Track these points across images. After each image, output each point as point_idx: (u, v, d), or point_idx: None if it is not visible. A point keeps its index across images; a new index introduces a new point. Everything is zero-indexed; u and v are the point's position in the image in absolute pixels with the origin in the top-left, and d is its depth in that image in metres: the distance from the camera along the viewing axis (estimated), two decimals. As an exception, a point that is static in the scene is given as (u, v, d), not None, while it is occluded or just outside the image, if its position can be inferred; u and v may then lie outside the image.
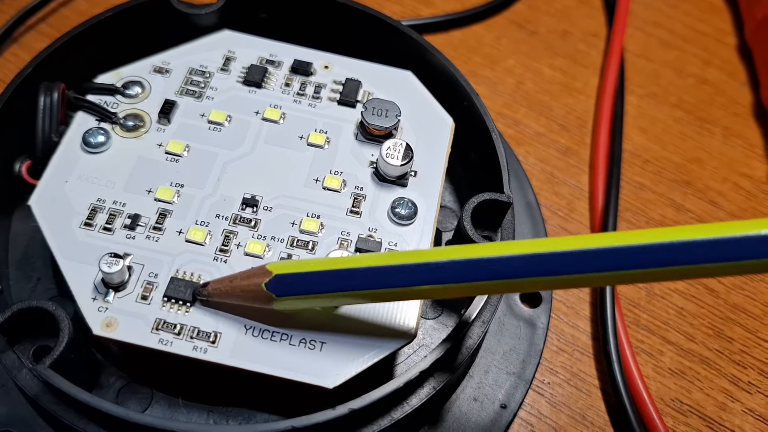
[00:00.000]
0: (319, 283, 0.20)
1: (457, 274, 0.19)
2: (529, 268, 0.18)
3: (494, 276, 0.18)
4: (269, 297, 0.21)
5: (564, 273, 0.17)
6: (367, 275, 0.20)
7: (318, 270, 0.20)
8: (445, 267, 0.19)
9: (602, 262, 0.17)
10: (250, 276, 0.21)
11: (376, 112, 0.26)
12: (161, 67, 0.28)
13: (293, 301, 0.21)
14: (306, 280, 0.20)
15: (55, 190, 0.24)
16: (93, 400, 0.21)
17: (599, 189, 0.33)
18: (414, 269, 0.19)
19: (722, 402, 0.28)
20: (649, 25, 0.40)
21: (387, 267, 0.20)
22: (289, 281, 0.21)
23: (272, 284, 0.21)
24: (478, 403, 0.26)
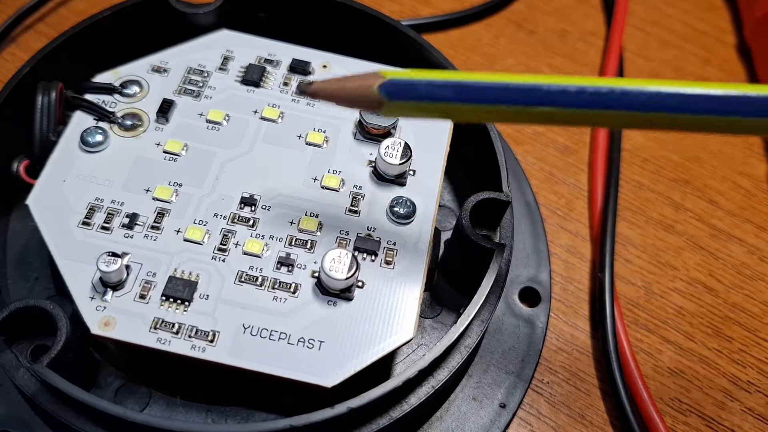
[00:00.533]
0: (434, 92, 0.20)
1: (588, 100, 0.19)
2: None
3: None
4: (379, 100, 0.20)
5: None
6: (479, 90, 0.19)
7: (433, 79, 0.20)
8: (568, 91, 0.19)
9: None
10: (360, 78, 0.21)
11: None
12: (159, 67, 0.28)
13: (403, 107, 0.20)
14: (420, 87, 0.20)
15: (53, 189, 0.24)
16: (91, 399, 0.20)
17: (598, 188, 0.33)
18: (525, 90, 0.19)
19: (721, 401, 0.28)
20: (648, 24, 0.40)
21: (497, 84, 0.19)
22: (402, 86, 0.20)
23: (384, 87, 0.20)
24: (477, 403, 0.26)
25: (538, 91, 0.19)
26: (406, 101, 0.20)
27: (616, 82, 0.19)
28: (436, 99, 0.20)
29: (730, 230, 0.33)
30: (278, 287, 0.23)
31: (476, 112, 0.20)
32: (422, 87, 0.20)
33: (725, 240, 0.33)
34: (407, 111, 0.21)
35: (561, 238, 0.32)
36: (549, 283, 0.30)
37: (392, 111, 0.20)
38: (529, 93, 0.19)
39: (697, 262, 0.32)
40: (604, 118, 0.19)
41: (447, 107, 0.20)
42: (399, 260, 0.24)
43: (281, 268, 0.24)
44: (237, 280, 0.23)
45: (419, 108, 0.20)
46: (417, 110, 0.20)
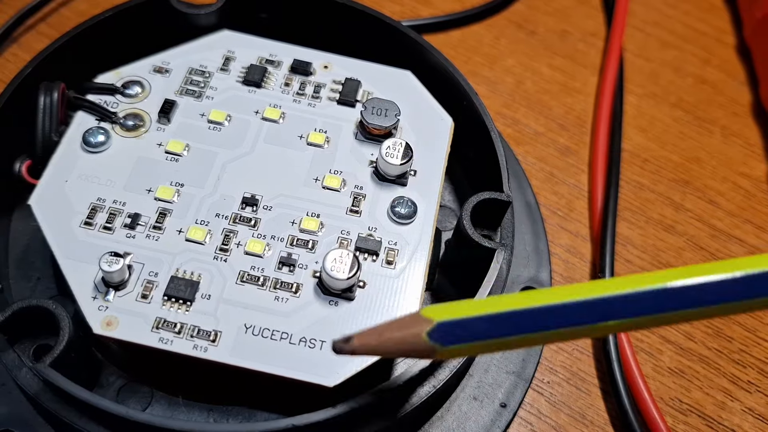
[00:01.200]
0: (489, 329, 0.18)
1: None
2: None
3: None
4: (432, 349, 0.18)
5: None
6: (540, 315, 0.17)
7: (485, 313, 0.18)
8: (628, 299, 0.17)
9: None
10: (403, 326, 0.18)
11: (376, 111, 0.27)
12: (161, 67, 0.28)
13: (461, 350, 0.18)
14: (472, 326, 0.18)
15: (55, 189, 0.24)
16: (93, 398, 0.21)
17: (598, 188, 0.33)
18: (586, 306, 0.17)
19: (721, 401, 0.28)
20: (648, 25, 0.40)
21: (563, 305, 0.17)
22: (454, 329, 0.18)
23: (436, 334, 0.18)
24: (477, 402, 0.27)
25: (608, 303, 0.17)
26: (463, 344, 0.18)
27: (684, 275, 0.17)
28: (495, 336, 0.18)
29: (730, 230, 0.33)
30: (280, 287, 0.23)
31: (543, 338, 0.18)
32: (477, 325, 0.18)
33: (725, 240, 0.33)
34: (464, 352, 0.18)
35: (561, 238, 0.32)
36: (549, 283, 0.30)
37: (448, 355, 0.18)
38: (596, 309, 0.17)
39: (698, 262, 0.32)
40: (681, 317, 0.17)
41: (509, 340, 0.18)
42: (400, 260, 0.24)
43: (283, 268, 0.24)
44: (239, 280, 0.23)
45: (477, 347, 0.18)
46: (475, 349, 0.18)
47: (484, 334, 0.18)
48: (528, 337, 0.17)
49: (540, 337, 0.18)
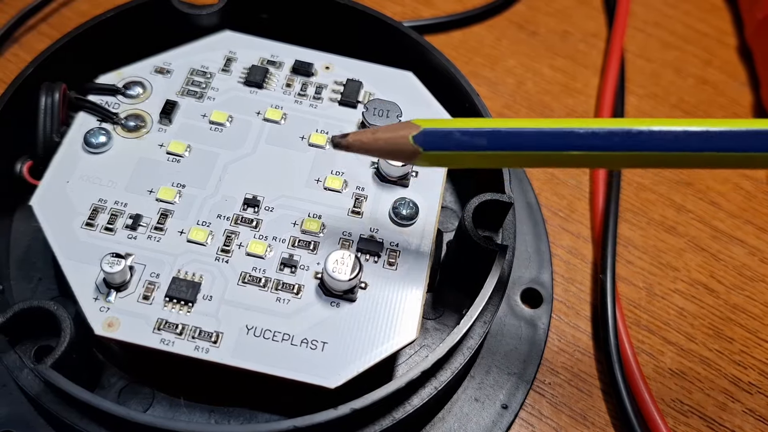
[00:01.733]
0: (469, 141, 0.20)
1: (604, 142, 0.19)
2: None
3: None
4: (415, 150, 0.20)
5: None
6: (513, 136, 0.20)
7: (468, 127, 0.20)
8: (596, 135, 0.19)
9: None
10: (394, 129, 0.21)
11: (377, 112, 0.27)
12: (162, 68, 0.28)
13: (439, 156, 0.20)
14: (455, 136, 0.20)
15: (56, 190, 0.24)
16: (95, 399, 0.21)
17: (600, 189, 0.33)
18: (558, 134, 0.19)
19: (723, 402, 0.28)
20: (649, 26, 0.40)
21: (533, 130, 0.20)
22: (437, 135, 0.20)
23: (420, 137, 0.20)
24: (479, 404, 0.27)
25: (571, 135, 0.19)
26: (441, 151, 0.20)
27: (644, 124, 0.19)
28: (471, 148, 0.20)
29: (731, 232, 0.33)
30: (281, 288, 0.23)
31: (510, 158, 0.20)
32: (457, 136, 0.20)
33: (726, 241, 0.33)
34: (442, 160, 0.21)
35: (563, 239, 0.32)
36: (551, 284, 0.30)
37: (428, 161, 0.21)
38: (562, 137, 0.19)
39: (699, 264, 0.32)
40: (634, 159, 0.20)
41: (482, 155, 0.20)
42: (402, 261, 0.24)
43: (284, 269, 0.24)
44: (240, 281, 0.23)
45: (455, 157, 0.20)
46: (452, 159, 0.21)
47: (462, 144, 0.20)
48: (499, 153, 0.20)
49: (509, 156, 0.20)
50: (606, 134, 0.19)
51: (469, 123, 0.20)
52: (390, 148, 0.21)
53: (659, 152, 0.19)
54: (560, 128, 0.20)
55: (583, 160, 0.20)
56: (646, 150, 0.19)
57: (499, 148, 0.20)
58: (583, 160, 0.20)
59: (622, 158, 0.19)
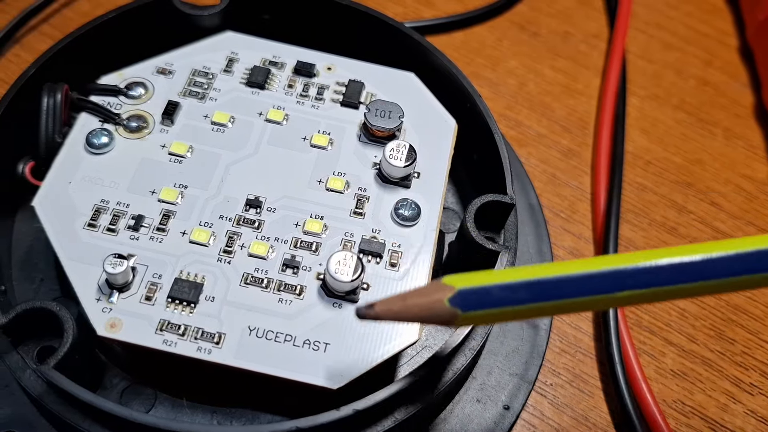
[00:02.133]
0: (510, 296, 0.18)
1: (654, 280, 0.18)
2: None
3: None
4: (453, 314, 0.19)
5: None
6: (557, 285, 0.18)
7: (506, 281, 0.19)
8: (647, 271, 0.18)
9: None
10: (427, 293, 0.19)
11: (379, 113, 0.27)
12: (164, 69, 0.28)
13: (480, 317, 0.19)
14: (494, 293, 0.19)
15: (58, 191, 0.24)
16: (97, 400, 0.21)
17: (601, 190, 0.33)
18: (606, 276, 0.18)
19: (724, 403, 0.28)
20: (650, 27, 0.40)
21: (577, 276, 0.18)
22: (475, 295, 0.19)
23: (456, 299, 0.19)
24: (481, 405, 0.27)
25: (620, 274, 0.18)
26: (481, 310, 0.19)
27: (695, 251, 0.18)
28: (512, 303, 0.18)
29: (732, 233, 0.33)
30: (283, 289, 0.23)
31: (556, 307, 0.19)
32: (496, 292, 0.18)
33: (728, 242, 0.33)
34: (483, 319, 0.19)
35: (564, 240, 0.32)
36: (552, 285, 0.30)
37: (468, 322, 0.19)
38: (611, 279, 0.18)
39: (700, 265, 0.32)
40: (687, 291, 0.18)
41: (526, 308, 0.19)
42: (404, 262, 0.24)
43: (286, 270, 0.24)
44: (242, 282, 0.23)
45: (496, 314, 0.19)
46: (493, 317, 0.19)
47: (502, 301, 0.18)
48: (543, 305, 0.18)
49: (554, 306, 0.18)
50: (655, 269, 0.18)
51: (505, 276, 0.19)
52: (425, 314, 0.19)
53: (714, 280, 0.18)
54: (607, 269, 0.18)
55: (633, 299, 0.18)
56: (700, 280, 0.18)
57: (543, 299, 0.18)
58: (634, 299, 0.18)
59: (676, 291, 0.18)
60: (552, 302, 0.18)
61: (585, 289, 0.18)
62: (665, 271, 0.18)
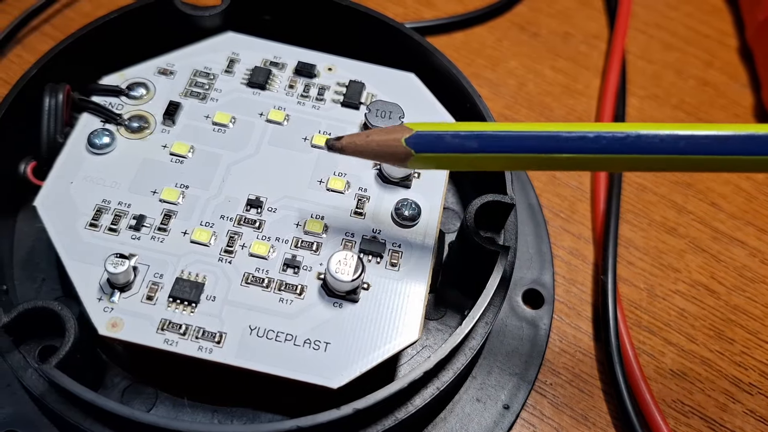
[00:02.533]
0: (459, 143, 0.21)
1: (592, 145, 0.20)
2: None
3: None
4: (407, 152, 0.21)
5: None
6: (502, 139, 0.20)
7: (459, 130, 0.21)
8: (587, 137, 0.20)
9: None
10: (387, 132, 0.21)
11: (380, 114, 0.27)
12: (165, 69, 0.28)
13: (430, 158, 0.21)
14: (446, 138, 0.21)
15: (60, 191, 0.25)
16: (99, 399, 0.21)
17: (601, 191, 0.33)
18: (546, 138, 0.20)
19: (723, 403, 0.29)
20: (650, 27, 0.40)
21: (522, 134, 0.20)
22: (429, 137, 0.21)
23: (412, 140, 0.21)
24: (481, 404, 0.27)
25: (558, 138, 0.20)
26: (433, 153, 0.21)
27: (631, 127, 0.20)
28: (462, 150, 0.21)
29: (731, 233, 0.33)
30: (284, 289, 0.24)
31: (500, 160, 0.21)
32: (448, 138, 0.21)
33: (727, 243, 0.33)
34: (433, 163, 0.21)
35: (564, 240, 0.32)
36: (552, 285, 0.30)
37: (419, 163, 0.21)
38: (550, 141, 0.20)
39: (699, 265, 0.32)
40: (621, 162, 0.20)
41: (472, 158, 0.21)
42: (404, 262, 0.24)
43: (287, 269, 0.24)
44: (243, 281, 0.24)
45: (445, 159, 0.21)
46: (444, 161, 0.21)
47: (453, 146, 0.21)
48: (488, 156, 0.21)
49: (497, 158, 0.21)
50: (594, 137, 0.20)
51: (460, 126, 0.21)
52: (383, 150, 0.21)
53: (645, 155, 0.19)
54: (548, 131, 0.20)
55: (570, 163, 0.20)
56: (633, 153, 0.20)
57: (489, 150, 0.21)
58: (571, 163, 0.20)
59: (608, 161, 0.20)
60: (497, 154, 0.21)
61: (524, 146, 0.20)
62: (600, 139, 0.20)
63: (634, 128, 0.20)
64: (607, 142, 0.20)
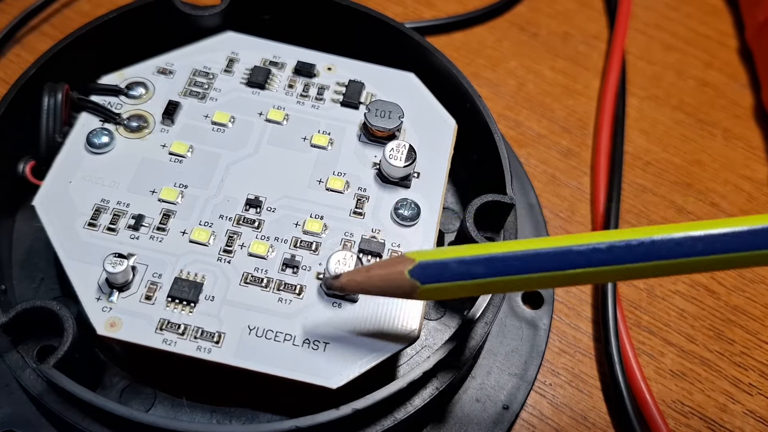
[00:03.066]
0: (467, 270, 0.20)
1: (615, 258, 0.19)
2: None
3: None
4: (413, 285, 0.20)
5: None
6: (511, 261, 0.19)
7: (464, 256, 0.20)
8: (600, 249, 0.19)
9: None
10: (389, 265, 0.20)
11: (379, 113, 0.27)
12: (165, 68, 0.28)
13: (439, 289, 0.20)
14: (452, 266, 0.20)
15: (59, 190, 0.25)
16: (97, 399, 0.21)
17: (601, 191, 0.33)
18: (556, 255, 0.19)
19: (723, 404, 0.29)
20: (650, 28, 0.40)
21: (527, 252, 0.19)
22: (434, 268, 0.20)
23: (416, 271, 0.20)
24: (480, 404, 0.27)
25: (569, 253, 0.19)
26: (440, 283, 0.20)
27: (645, 233, 0.18)
28: (468, 277, 0.19)
29: (731, 233, 0.33)
30: (283, 289, 0.23)
31: (512, 283, 0.20)
32: (454, 266, 0.20)
33: (727, 243, 0.33)
34: (443, 293, 0.20)
35: (563, 240, 0.32)
36: (552, 285, 0.30)
37: (427, 294, 0.20)
38: (560, 257, 0.19)
39: (699, 265, 0.32)
40: (638, 271, 0.19)
41: (483, 283, 0.20)
42: (403, 262, 0.24)
43: (286, 269, 0.24)
44: (242, 281, 0.23)
45: (454, 288, 0.20)
46: (452, 290, 0.20)
47: (460, 274, 0.20)
48: (498, 280, 0.19)
49: (507, 281, 0.19)
50: (607, 248, 0.18)
51: (464, 251, 0.20)
52: (387, 285, 0.20)
53: (663, 261, 0.18)
54: (559, 247, 0.19)
55: (586, 277, 0.19)
56: (650, 260, 0.18)
57: (498, 274, 0.19)
58: (587, 277, 0.19)
59: (626, 270, 0.19)
60: (505, 277, 0.19)
61: (534, 266, 0.19)
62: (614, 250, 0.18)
63: (647, 234, 0.18)
64: (620, 252, 0.18)
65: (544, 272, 0.19)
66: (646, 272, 0.19)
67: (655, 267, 0.18)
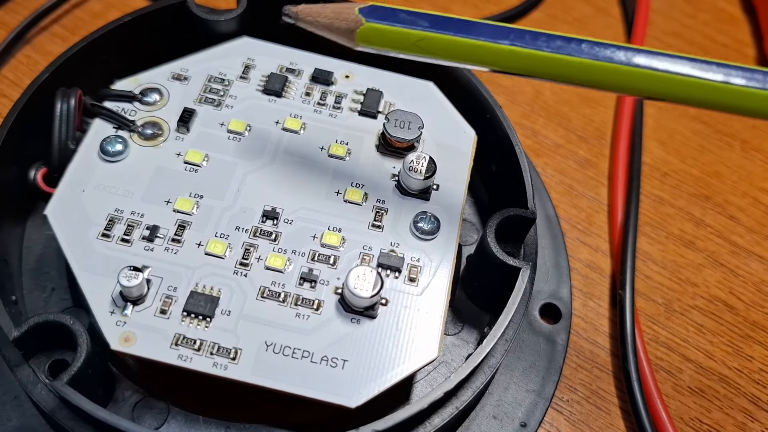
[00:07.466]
0: (413, 19, 0.21)
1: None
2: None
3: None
4: (358, 20, 0.21)
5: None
6: (451, 22, 0.21)
7: (414, 10, 0.22)
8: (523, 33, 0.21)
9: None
10: (344, 6, 0.22)
11: (399, 124, 0.26)
12: (180, 74, 0.27)
13: (379, 31, 0.21)
14: (399, 14, 0.21)
15: (71, 199, 0.24)
16: (111, 417, 0.20)
17: (618, 202, 0.33)
18: (492, 27, 0.21)
19: (742, 422, 0.28)
20: (668, 36, 0.40)
21: (474, 21, 0.21)
22: (384, 10, 0.21)
23: (366, 9, 0.21)
24: (497, 421, 0.26)
25: (507, 30, 0.21)
26: (383, 23, 0.21)
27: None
28: (411, 25, 0.21)
29: (750, 247, 0.33)
30: (301, 304, 0.23)
31: (446, 44, 0.21)
32: (402, 15, 0.21)
33: (745, 257, 0.32)
34: (380, 38, 0.22)
35: (581, 252, 0.32)
36: (569, 299, 0.29)
37: (368, 35, 0.22)
38: (498, 31, 0.21)
39: (718, 279, 0.32)
40: (554, 63, 0.21)
41: (420, 36, 0.21)
42: (423, 277, 0.24)
43: (304, 283, 0.23)
44: (259, 295, 0.23)
45: (393, 35, 0.21)
46: (390, 37, 0.21)
47: (404, 21, 0.21)
48: (439, 37, 0.21)
49: (450, 41, 0.21)
50: (547, 37, 0.21)
51: (414, 8, 0.22)
52: (335, 15, 0.22)
53: (570, 57, 0.21)
54: (499, 24, 0.21)
55: (513, 58, 0.21)
56: (572, 56, 0.21)
57: (438, 29, 0.21)
58: (513, 58, 0.21)
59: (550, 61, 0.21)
60: (443, 35, 0.21)
61: (473, 32, 0.21)
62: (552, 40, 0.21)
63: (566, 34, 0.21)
64: (556, 44, 0.21)
65: (479, 40, 0.21)
66: (551, 67, 0.21)
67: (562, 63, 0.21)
